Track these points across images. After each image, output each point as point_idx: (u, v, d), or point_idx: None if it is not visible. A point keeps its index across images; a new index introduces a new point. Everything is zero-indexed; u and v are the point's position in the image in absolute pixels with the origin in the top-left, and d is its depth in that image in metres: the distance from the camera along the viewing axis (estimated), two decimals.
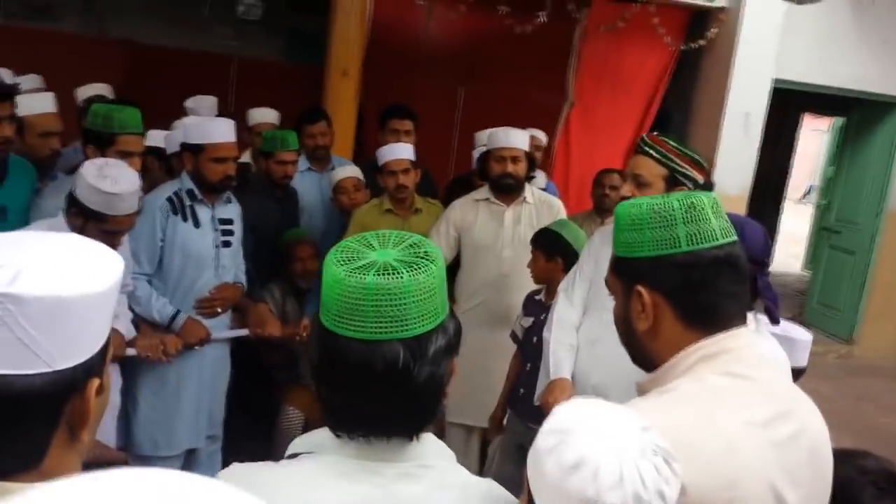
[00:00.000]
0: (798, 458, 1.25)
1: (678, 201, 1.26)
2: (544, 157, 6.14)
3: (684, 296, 1.27)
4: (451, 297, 3.77)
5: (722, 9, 6.34)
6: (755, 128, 6.43)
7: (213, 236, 3.21)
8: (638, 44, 6.52)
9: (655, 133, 2.49)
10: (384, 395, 1.06)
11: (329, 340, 1.07)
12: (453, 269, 3.73)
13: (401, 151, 3.75)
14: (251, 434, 3.86)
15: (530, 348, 3.19)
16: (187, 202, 3.12)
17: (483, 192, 3.69)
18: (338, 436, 1.11)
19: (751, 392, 1.25)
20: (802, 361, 2.38)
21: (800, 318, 7.74)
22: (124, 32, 6.85)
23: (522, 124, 5.52)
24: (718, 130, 6.44)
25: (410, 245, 1.11)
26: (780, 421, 1.25)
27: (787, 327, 2.38)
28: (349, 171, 4.05)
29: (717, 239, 1.25)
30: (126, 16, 7.05)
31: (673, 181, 2.39)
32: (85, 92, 4.05)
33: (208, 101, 4.39)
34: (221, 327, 3.33)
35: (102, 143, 2.85)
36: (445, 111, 6.96)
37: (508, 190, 3.59)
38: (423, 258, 1.08)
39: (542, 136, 5.00)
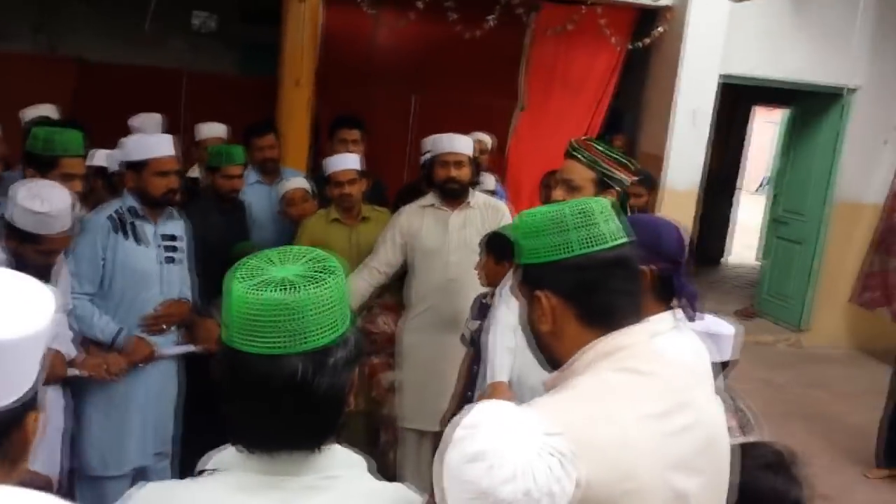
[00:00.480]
0: (694, 447, 1.31)
1: (570, 208, 1.32)
2: (497, 160, 6.22)
3: (581, 297, 1.32)
4: (401, 303, 3.82)
5: (668, 7, 6.47)
6: (703, 124, 6.55)
7: (156, 252, 3.21)
8: (586, 45, 6.63)
9: (584, 137, 2.57)
10: (285, 409, 1.09)
11: (231, 357, 1.09)
12: (402, 275, 3.77)
13: (346, 162, 3.78)
14: (209, 448, 3.85)
15: (479, 351, 3.23)
16: (129, 219, 3.12)
17: (429, 198, 3.73)
18: (241, 451, 1.13)
19: (645, 386, 1.30)
20: (728, 355, 2.44)
21: (751, 309, 7.90)
22: (75, 51, 6.79)
23: (475, 129, 5.59)
24: (668, 128, 6.57)
25: (311, 260, 1.13)
26: (675, 412, 1.30)
27: (712, 322, 2.43)
28: (296, 182, 4.07)
29: (608, 241, 1.31)
30: (78, 34, 7.00)
31: (602, 184, 2.45)
32: (29, 113, 4.03)
33: (154, 119, 4.39)
34: (169, 344, 3.32)
35: (44, 166, 2.86)
36: (399, 119, 7.01)
37: (453, 195, 3.64)
38: (321, 272, 1.11)
39: (487, 139, 5.06)
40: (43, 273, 2.65)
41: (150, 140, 3.15)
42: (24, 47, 6.88)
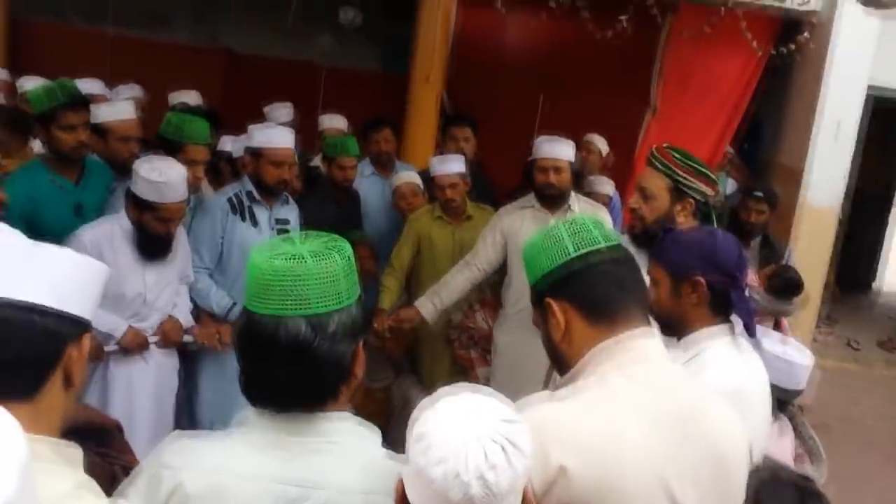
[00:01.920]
0: (697, 457, 1.33)
1: (563, 223, 1.45)
2: (621, 164, 6.13)
3: (582, 295, 1.40)
4: (499, 303, 3.89)
5: (813, 13, 6.13)
6: (847, 138, 6.16)
7: (270, 235, 3.45)
8: (724, 49, 6.38)
9: (665, 145, 2.53)
10: (289, 366, 1.23)
11: (245, 317, 1.26)
12: (503, 273, 3.84)
13: (450, 166, 3.86)
14: None
15: None
16: (246, 203, 3.38)
17: (530, 199, 3.77)
18: (255, 406, 1.28)
19: (648, 392, 1.35)
20: (799, 384, 2.35)
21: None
22: (231, 43, 7.30)
23: (603, 131, 5.57)
24: (809, 140, 6.23)
25: (325, 240, 1.28)
26: (677, 421, 1.33)
27: (789, 349, 2.36)
28: (406, 176, 4.23)
29: (600, 242, 1.42)
30: (234, 26, 7.51)
31: (678, 193, 2.42)
32: (174, 98, 4.42)
33: (284, 108, 4.69)
34: None
35: (172, 149, 3.15)
36: (526, 118, 7.03)
37: (551, 200, 3.67)
38: (330, 249, 1.25)
39: (599, 143, 5.00)
40: (162, 243, 2.96)
41: (270, 130, 3.39)
42: (185, 37, 7.44)
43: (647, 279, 2.92)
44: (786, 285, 3.85)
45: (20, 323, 1.08)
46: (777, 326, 3.96)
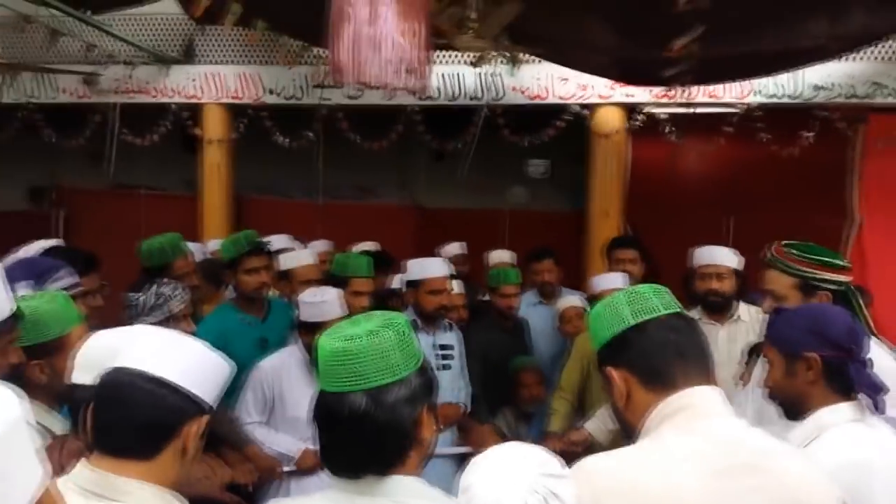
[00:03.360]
0: None
1: (623, 292, 1.48)
2: None
3: (640, 363, 1.41)
4: None
5: None
6: None
7: (433, 360, 3.64)
8: None
9: (781, 243, 2.44)
10: (353, 436, 1.35)
11: (318, 396, 1.41)
12: None
13: (611, 282, 3.85)
14: None
15: None
16: None
17: (694, 312, 3.66)
18: (333, 475, 1.41)
19: (706, 445, 1.32)
20: None
21: None
22: (424, 200, 7.96)
23: None
24: None
25: (381, 319, 1.42)
26: (740, 472, 1.29)
27: None
28: (571, 300, 4.29)
29: (659, 311, 1.42)
30: (430, 187, 8.20)
31: (808, 289, 2.32)
32: (357, 247, 4.92)
33: (454, 247, 5.03)
34: (445, 443, 3.67)
35: (338, 283, 3.49)
36: (714, 241, 6.83)
37: (715, 308, 3.55)
38: (384, 327, 1.38)
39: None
40: None
41: (426, 262, 3.68)
42: (389, 202, 8.22)
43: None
44: None
45: (153, 394, 1.34)
46: None
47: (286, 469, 3.25)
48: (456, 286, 4.09)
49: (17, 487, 0.83)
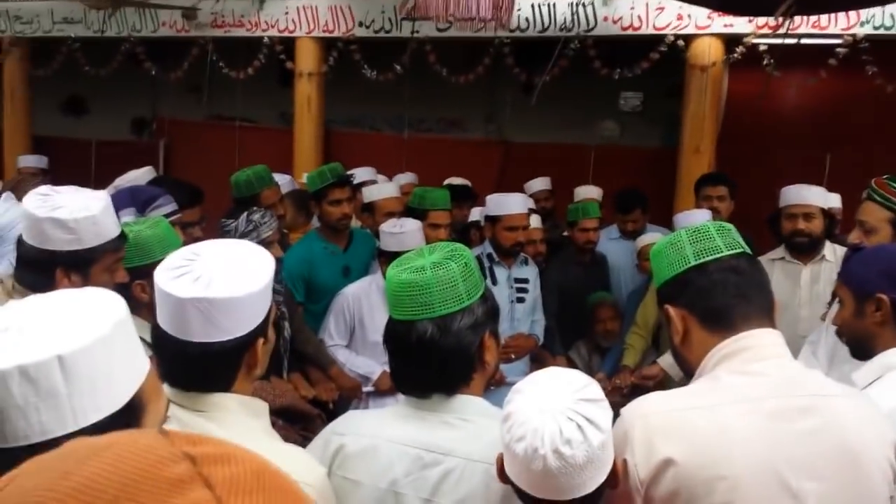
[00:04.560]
0: (818, 451, 1.29)
1: (686, 230, 1.46)
2: None
3: (700, 304, 1.42)
4: None
5: None
6: None
7: (508, 293, 3.72)
8: None
9: (885, 177, 2.36)
10: (420, 362, 1.46)
11: (388, 323, 1.52)
12: None
13: (696, 219, 3.81)
14: None
15: None
16: (486, 263, 3.70)
17: (779, 251, 3.60)
18: (404, 395, 1.54)
19: (762, 386, 1.34)
20: None
21: None
22: (511, 135, 7.92)
23: None
24: None
25: (446, 250, 1.51)
26: (795, 414, 1.30)
27: None
28: (651, 237, 4.24)
29: (722, 251, 1.41)
30: (519, 121, 8.15)
31: None
32: (446, 182, 5.00)
33: (541, 181, 5.07)
34: (517, 373, 3.77)
35: (416, 215, 3.59)
36: (809, 179, 6.58)
37: (802, 248, 3.47)
38: (449, 258, 1.47)
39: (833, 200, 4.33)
40: None
41: (505, 198, 3.72)
42: (476, 136, 8.23)
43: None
44: None
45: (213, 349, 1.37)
46: None
47: (365, 390, 3.43)
48: (534, 221, 4.12)
49: (126, 373, 0.98)
